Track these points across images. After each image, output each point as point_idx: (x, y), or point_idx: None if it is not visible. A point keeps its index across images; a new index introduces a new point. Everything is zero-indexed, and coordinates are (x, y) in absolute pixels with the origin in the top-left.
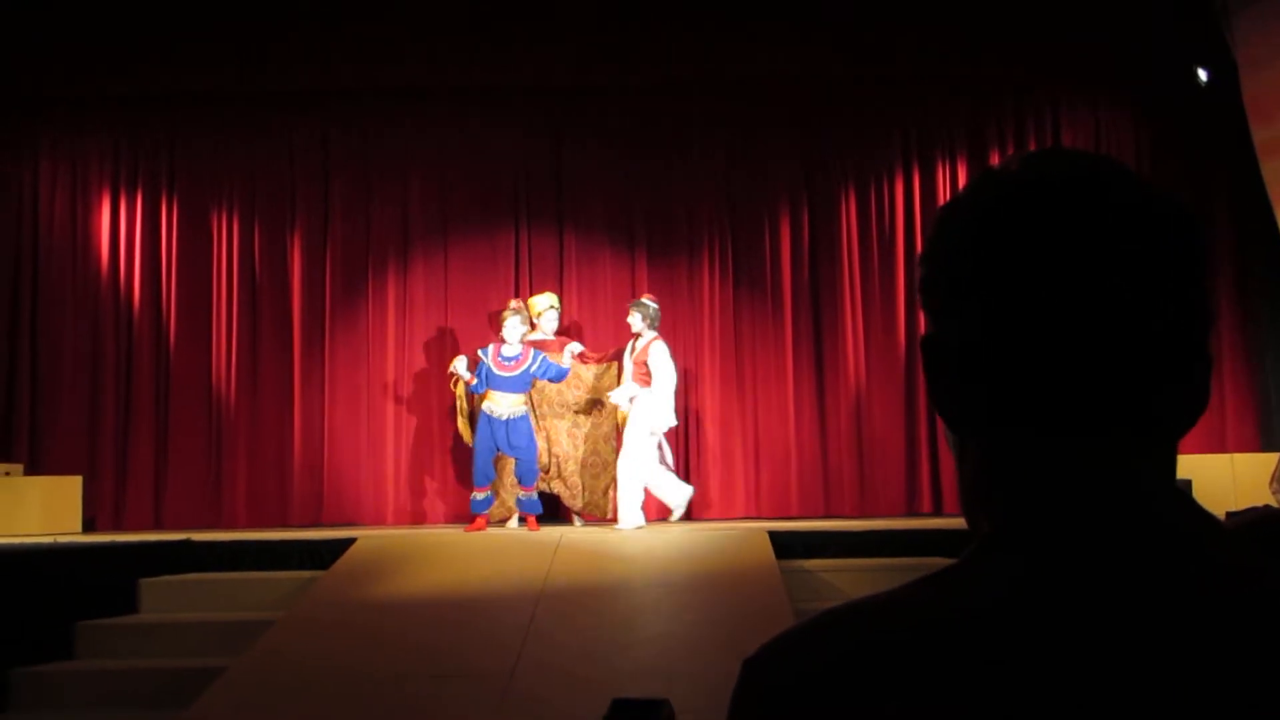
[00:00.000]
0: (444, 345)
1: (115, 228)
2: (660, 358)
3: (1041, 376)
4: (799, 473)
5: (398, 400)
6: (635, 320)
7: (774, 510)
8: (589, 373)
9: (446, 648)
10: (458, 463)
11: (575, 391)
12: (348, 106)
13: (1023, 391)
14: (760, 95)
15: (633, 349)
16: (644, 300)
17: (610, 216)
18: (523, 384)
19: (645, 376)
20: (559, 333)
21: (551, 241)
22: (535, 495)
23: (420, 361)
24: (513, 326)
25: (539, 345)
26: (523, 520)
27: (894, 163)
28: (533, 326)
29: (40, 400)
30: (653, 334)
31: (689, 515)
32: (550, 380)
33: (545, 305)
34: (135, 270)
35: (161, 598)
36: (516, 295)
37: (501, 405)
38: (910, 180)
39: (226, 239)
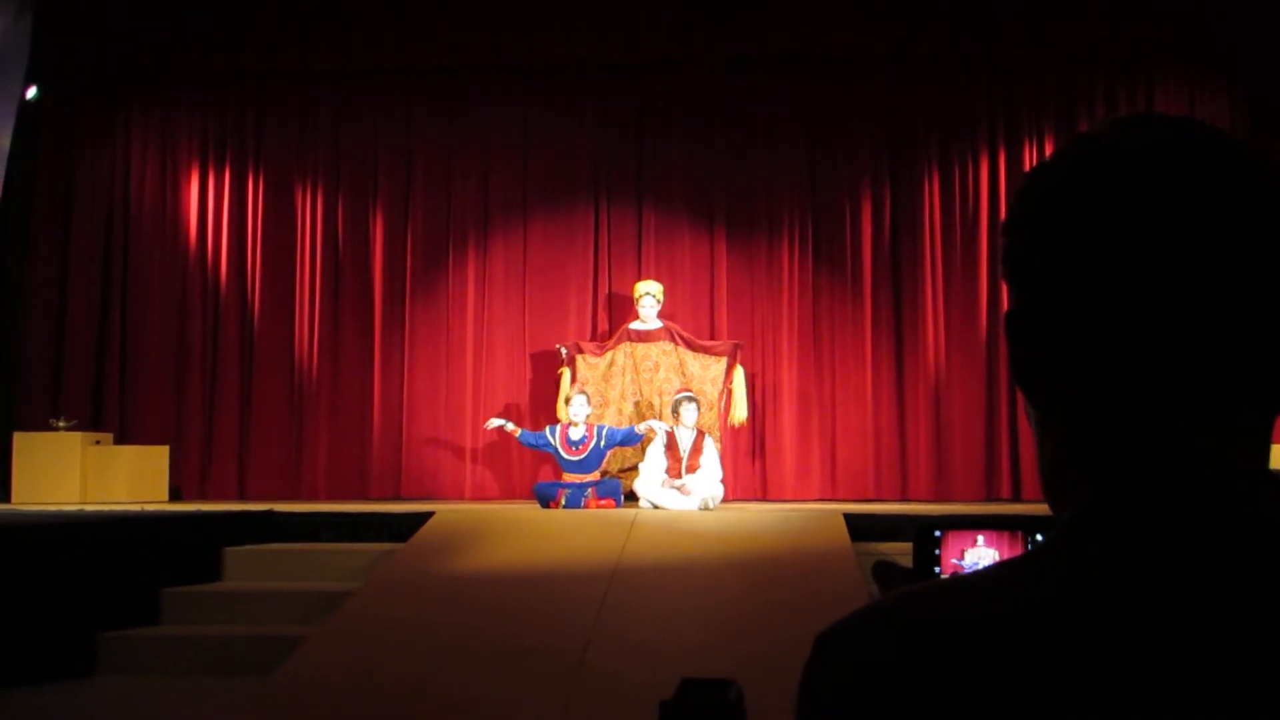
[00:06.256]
0: (523, 321)
1: (203, 202)
2: (713, 453)
3: (1131, 354)
4: (876, 455)
5: (476, 376)
6: (687, 416)
7: (850, 492)
8: (696, 363)
9: (520, 622)
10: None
11: (681, 380)
12: (431, 83)
13: (1110, 369)
14: (845, 71)
15: (673, 443)
16: (692, 393)
17: (690, 194)
18: (594, 463)
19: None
20: (662, 316)
21: (630, 219)
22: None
23: (499, 337)
24: (579, 405)
25: (642, 335)
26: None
27: (979, 140)
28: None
29: (129, 372)
30: (696, 429)
31: (765, 497)
32: (620, 445)
33: (642, 291)
34: (222, 245)
35: (244, 566)
36: (595, 274)
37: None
38: (995, 158)
39: (310, 214)
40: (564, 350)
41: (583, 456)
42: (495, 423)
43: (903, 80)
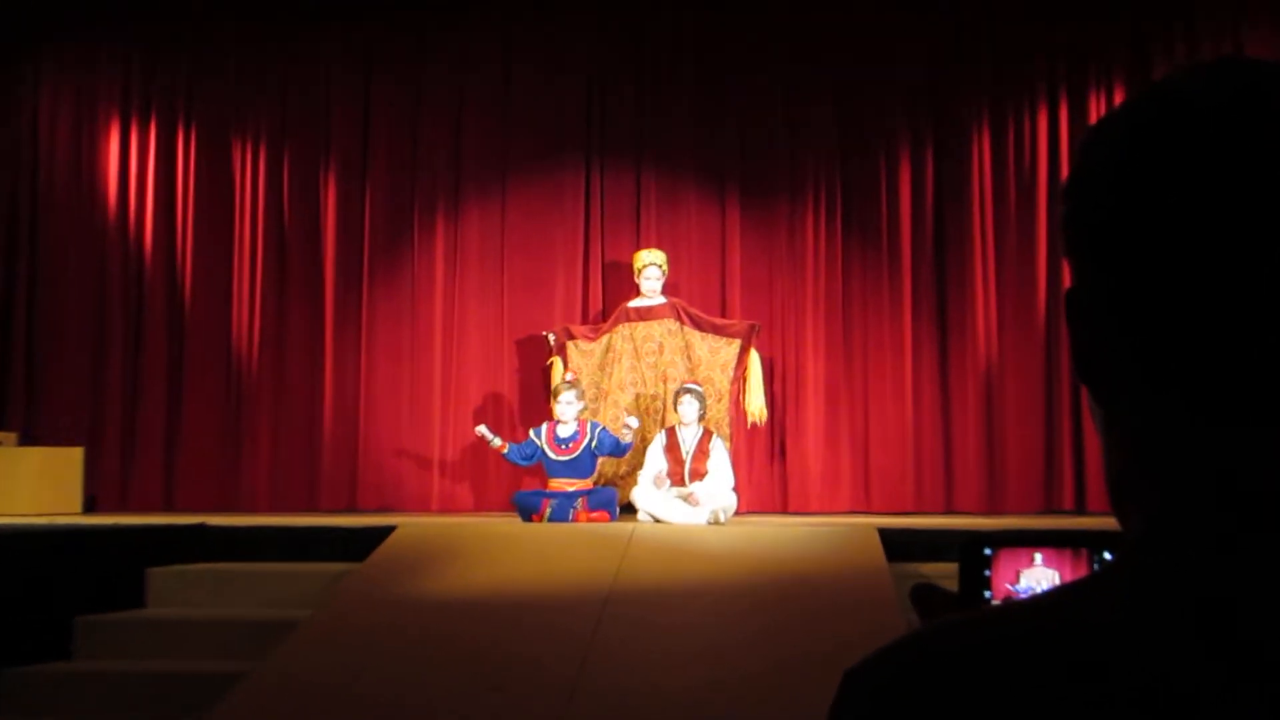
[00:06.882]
0: (501, 304)
1: (125, 163)
2: (723, 455)
3: (1211, 341)
4: (916, 460)
5: (446, 368)
6: (687, 411)
7: (885, 504)
8: (705, 346)
9: (500, 655)
10: (515, 442)
11: (687, 365)
12: (394, 24)
13: (1188, 359)
14: (880, 11)
15: (674, 443)
16: (695, 387)
17: (698, 152)
18: (586, 467)
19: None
20: (668, 291)
21: (628, 181)
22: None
23: (473, 323)
24: (567, 403)
25: (643, 311)
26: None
27: (1037, 91)
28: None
29: (38, 361)
30: (701, 427)
31: (785, 509)
32: (609, 455)
33: (645, 261)
34: (147, 212)
35: (172, 590)
36: (585, 248)
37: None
38: (1056, 113)
39: (251, 177)
40: (552, 337)
41: (573, 456)
42: (483, 431)
43: (948, 22)
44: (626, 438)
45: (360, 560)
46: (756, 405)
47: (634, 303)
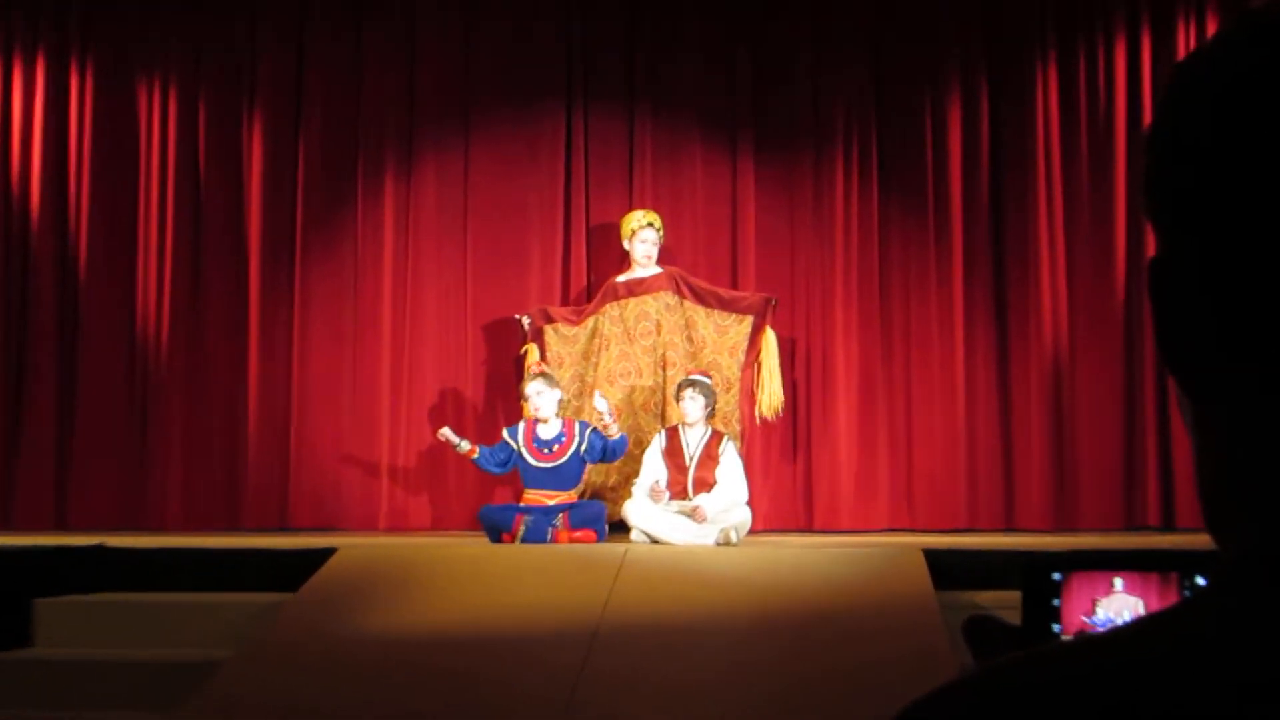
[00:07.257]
0: (464, 280)
1: (6, 111)
2: (735, 462)
3: None
4: (969, 466)
5: (395, 359)
6: (693, 408)
7: (932, 520)
8: (710, 325)
9: (465, 701)
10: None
11: (689, 349)
12: None
13: None
14: None
15: (676, 447)
16: (702, 379)
17: (704, 94)
18: (571, 476)
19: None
20: (664, 259)
21: (619, 128)
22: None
23: (429, 303)
24: (537, 393)
25: (634, 285)
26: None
27: (1114, 20)
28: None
29: None
30: (708, 427)
31: (810, 526)
32: (600, 461)
33: (639, 222)
34: (33, 170)
35: (64, 626)
36: (566, 212)
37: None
38: (1137, 46)
39: (160, 128)
40: (526, 321)
41: (557, 463)
42: (447, 435)
43: None
44: (613, 433)
45: (293, 589)
46: (775, 397)
47: (623, 276)
